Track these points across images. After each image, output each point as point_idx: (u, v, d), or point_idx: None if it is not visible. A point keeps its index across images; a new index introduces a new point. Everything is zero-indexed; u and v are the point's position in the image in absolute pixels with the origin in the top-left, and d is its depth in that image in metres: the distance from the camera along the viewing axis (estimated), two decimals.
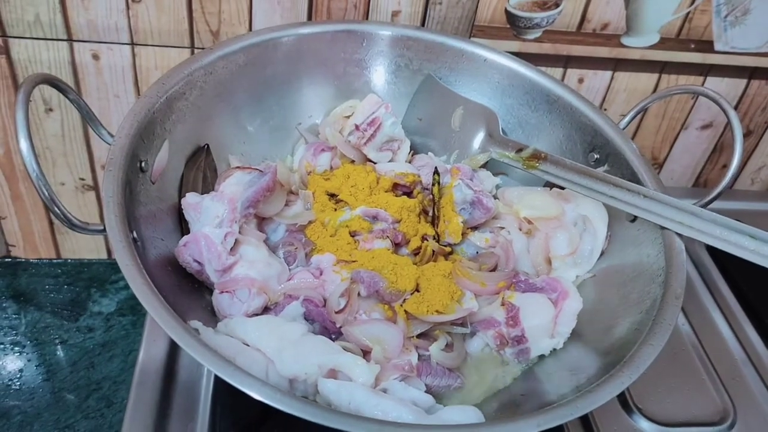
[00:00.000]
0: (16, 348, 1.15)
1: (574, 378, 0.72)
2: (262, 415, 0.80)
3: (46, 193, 0.64)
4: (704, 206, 0.79)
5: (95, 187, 1.18)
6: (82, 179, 1.16)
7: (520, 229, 0.88)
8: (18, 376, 1.12)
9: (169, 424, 0.80)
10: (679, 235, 0.77)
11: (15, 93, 1.03)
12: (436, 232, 0.85)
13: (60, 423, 1.06)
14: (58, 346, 1.17)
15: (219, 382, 0.83)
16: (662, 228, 0.78)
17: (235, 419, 0.80)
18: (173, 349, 0.87)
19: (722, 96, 0.83)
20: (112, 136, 0.73)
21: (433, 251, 0.83)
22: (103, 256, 1.29)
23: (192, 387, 0.83)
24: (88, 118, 0.75)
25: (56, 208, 0.65)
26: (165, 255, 0.76)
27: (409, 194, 0.90)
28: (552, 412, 0.59)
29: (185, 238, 0.76)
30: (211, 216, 0.77)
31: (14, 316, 1.20)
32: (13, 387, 1.10)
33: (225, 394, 0.81)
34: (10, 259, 1.26)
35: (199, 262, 0.76)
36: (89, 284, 1.26)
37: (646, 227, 0.80)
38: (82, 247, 1.27)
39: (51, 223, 1.22)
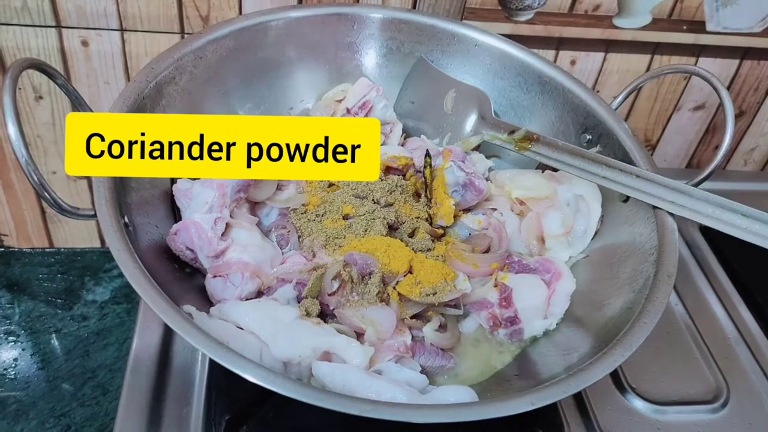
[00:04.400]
0: (11, 337, 1.15)
1: (568, 358, 0.72)
2: (257, 399, 0.80)
3: (36, 179, 0.64)
4: (696, 185, 0.79)
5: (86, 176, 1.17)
6: None
7: (513, 211, 0.88)
8: (13, 365, 1.11)
9: (164, 409, 0.80)
10: (671, 214, 0.77)
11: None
12: (429, 215, 0.85)
13: (56, 411, 1.06)
14: (53, 335, 1.16)
15: (213, 367, 0.83)
16: (654, 207, 0.78)
17: (230, 403, 0.80)
18: (167, 335, 0.87)
19: (714, 75, 0.83)
20: None
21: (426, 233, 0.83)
22: (96, 244, 1.28)
23: (186, 372, 0.83)
24: (77, 103, 0.74)
25: (46, 193, 0.65)
26: (158, 241, 0.76)
27: (402, 177, 0.90)
28: (545, 390, 0.59)
29: (175, 226, 0.76)
30: (201, 202, 0.77)
31: (8, 305, 1.19)
32: (8, 376, 1.10)
33: (220, 378, 0.81)
34: (2, 249, 1.26)
35: (191, 250, 0.75)
36: (83, 273, 1.26)
37: (639, 207, 0.81)
38: (75, 236, 1.26)
39: (43, 212, 1.21)
